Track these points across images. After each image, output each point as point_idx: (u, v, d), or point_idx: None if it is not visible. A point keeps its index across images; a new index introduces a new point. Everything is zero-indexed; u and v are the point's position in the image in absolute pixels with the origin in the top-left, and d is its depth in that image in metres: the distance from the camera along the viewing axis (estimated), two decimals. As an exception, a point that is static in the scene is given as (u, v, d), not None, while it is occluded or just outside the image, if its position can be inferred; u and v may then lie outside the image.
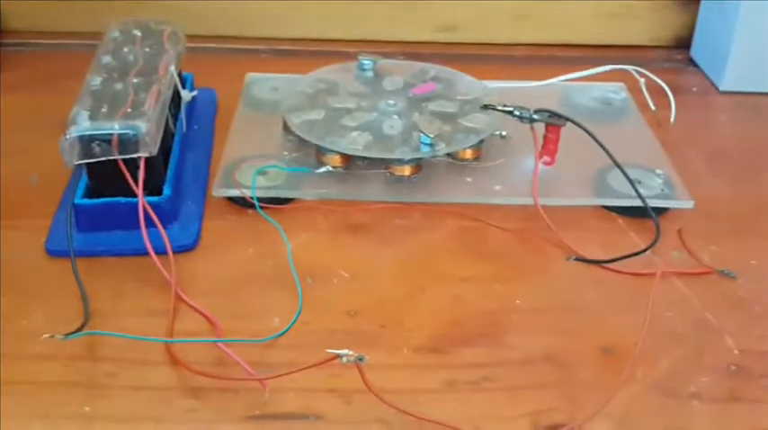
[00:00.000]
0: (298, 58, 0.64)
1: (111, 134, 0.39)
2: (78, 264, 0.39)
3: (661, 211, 0.46)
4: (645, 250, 0.42)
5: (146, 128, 0.40)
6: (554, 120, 0.47)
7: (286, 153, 0.49)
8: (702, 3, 0.65)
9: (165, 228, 0.41)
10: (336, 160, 0.47)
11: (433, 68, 0.56)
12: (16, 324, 0.37)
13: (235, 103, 0.55)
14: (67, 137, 0.39)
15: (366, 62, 0.55)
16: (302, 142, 0.48)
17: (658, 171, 0.48)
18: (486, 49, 0.67)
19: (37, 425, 0.33)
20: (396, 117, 0.50)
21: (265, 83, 0.56)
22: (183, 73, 0.52)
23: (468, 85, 0.55)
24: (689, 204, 0.46)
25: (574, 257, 0.42)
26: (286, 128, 0.50)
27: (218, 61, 0.63)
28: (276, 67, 0.61)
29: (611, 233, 0.45)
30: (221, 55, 0.64)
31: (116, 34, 0.49)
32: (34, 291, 0.39)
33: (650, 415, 0.35)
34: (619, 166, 0.46)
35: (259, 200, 0.44)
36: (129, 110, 0.41)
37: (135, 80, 0.44)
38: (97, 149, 0.39)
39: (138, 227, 0.40)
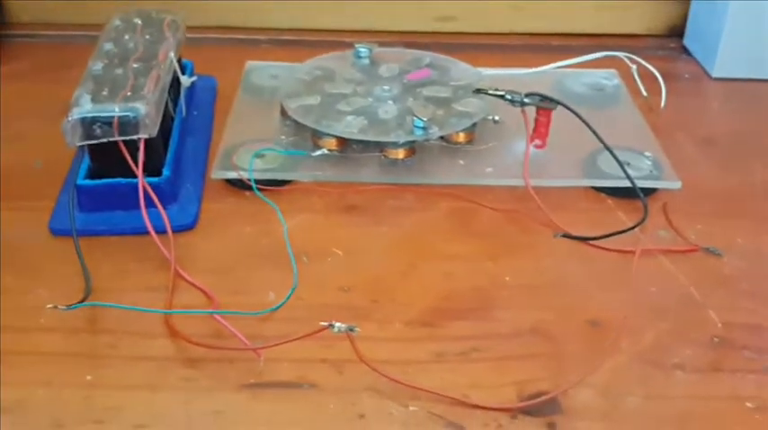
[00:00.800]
0: (298, 48, 0.65)
1: (112, 116, 0.41)
2: (81, 243, 0.41)
3: (649, 192, 0.47)
4: (631, 228, 0.43)
5: (145, 110, 0.41)
6: (545, 103, 0.48)
7: (283, 137, 0.50)
8: (695, -9, 0.66)
9: (164, 208, 0.42)
10: (332, 143, 0.48)
11: (428, 56, 0.57)
12: (21, 299, 0.39)
13: (235, 90, 0.56)
14: (70, 119, 0.41)
15: (362, 50, 0.56)
16: (299, 126, 0.49)
17: (647, 153, 0.49)
18: (483, 39, 0.68)
19: (41, 393, 0.34)
20: (390, 102, 0.51)
21: (265, 70, 0.58)
22: (183, 60, 0.53)
23: (463, 71, 0.56)
24: (676, 185, 0.47)
25: (561, 234, 0.43)
26: (283, 113, 0.51)
27: (220, 51, 0.64)
28: (276, 56, 0.62)
29: (600, 213, 0.46)
30: (222, 45, 0.66)
31: (117, 23, 0.50)
32: (38, 268, 0.41)
33: (633, 384, 0.36)
34: (607, 147, 0.47)
35: (256, 182, 0.46)
36: (128, 93, 0.42)
37: (135, 65, 0.45)
38: (98, 131, 0.41)
39: (138, 207, 0.41)
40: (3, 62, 0.62)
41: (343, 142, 0.49)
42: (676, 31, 0.69)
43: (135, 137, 0.41)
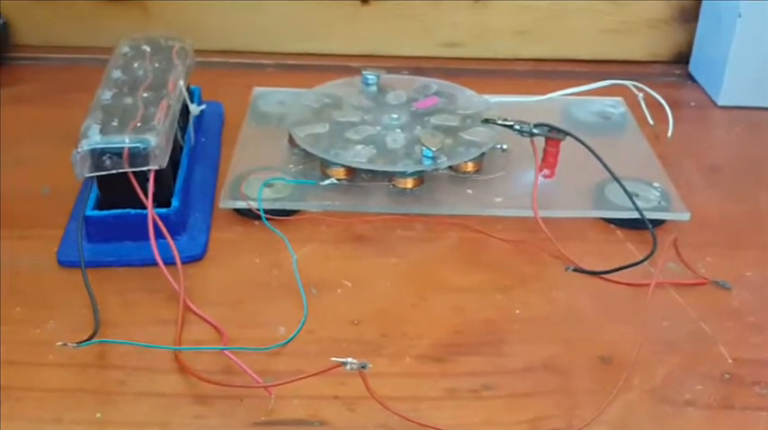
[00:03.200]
0: (304, 73, 0.65)
1: (122, 147, 0.41)
2: (89, 275, 0.40)
3: (658, 223, 0.47)
4: (642, 261, 0.43)
5: (155, 141, 0.41)
6: (553, 134, 0.48)
7: (291, 166, 0.50)
8: (701, 19, 0.67)
9: (173, 239, 0.42)
10: (341, 173, 0.48)
11: (435, 83, 0.58)
12: (30, 332, 0.38)
13: (241, 116, 0.56)
14: (79, 150, 0.41)
15: (370, 77, 0.57)
16: (307, 155, 0.49)
17: (655, 184, 0.49)
18: (489, 64, 0.68)
19: (49, 431, 0.34)
20: (399, 131, 0.51)
21: (272, 97, 0.58)
22: (191, 86, 0.53)
23: (470, 99, 0.56)
24: (685, 216, 0.47)
25: (572, 268, 0.43)
26: (291, 141, 0.51)
27: (226, 75, 0.65)
28: (282, 80, 0.62)
29: (610, 244, 0.46)
30: (229, 69, 0.66)
31: (126, 50, 0.50)
32: (46, 300, 0.40)
33: (646, 422, 0.35)
34: (617, 179, 0.47)
35: (265, 211, 0.45)
36: (138, 124, 0.42)
37: (144, 94, 0.45)
38: (108, 162, 0.41)
39: (147, 238, 0.41)
40: (9, 84, 0.62)
41: (352, 171, 0.48)
42: (681, 58, 0.69)
43: (145, 168, 0.41)
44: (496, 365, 0.38)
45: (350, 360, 0.34)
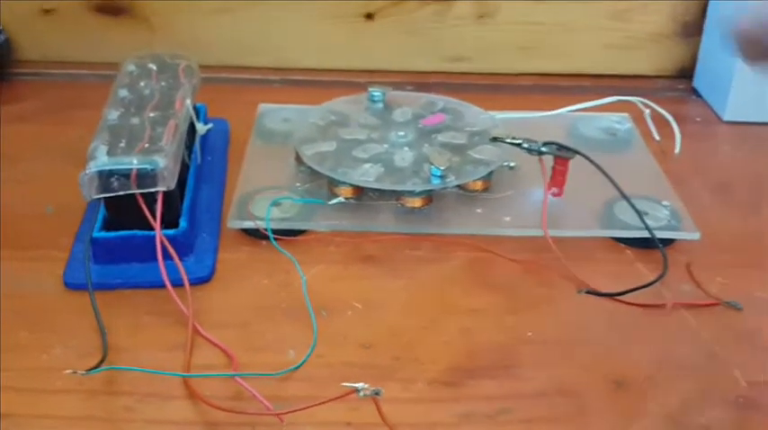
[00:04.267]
0: (309, 88, 0.65)
1: (130, 169, 0.40)
2: (96, 297, 0.40)
3: (668, 242, 0.47)
4: (654, 282, 0.43)
5: (164, 163, 0.41)
6: (562, 152, 0.48)
7: (298, 184, 0.49)
8: (704, 34, 0.66)
9: (181, 260, 0.42)
10: (348, 191, 0.48)
11: (442, 100, 0.57)
12: (36, 357, 0.38)
13: (247, 133, 0.56)
14: (87, 172, 0.40)
15: (376, 93, 0.56)
16: (314, 173, 0.49)
17: (665, 202, 0.49)
18: (494, 79, 0.68)
19: (58, 459, 0.33)
20: (406, 149, 0.51)
21: (277, 114, 0.57)
22: (197, 104, 0.53)
23: (476, 115, 0.56)
24: (695, 236, 0.47)
25: (585, 290, 0.42)
26: (298, 159, 0.51)
27: (231, 91, 0.64)
28: (288, 96, 0.62)
29: (620, 264, 0.46)
30: (233, 85, 0.65)
31: (132, 68, 0.50)
32: (53, 324, 0.40)
33: (662, 448, 0.35)
34: (627, 199, 0.47)
35: (273, 231, 0.45)
36: (146, 145, 0.42)
37: (151, 114, 0.45)
38: (116, 184, 0.40)
39: (154, 259, 0.41)
40: (11, 101, 0.62)
41: (360, 190, 0.48)
42: (685, 73, 0.69)
43: (153, 190, 0.41)
44: (510, 389, 0.37)
45: (363, 385, 0.34)
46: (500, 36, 0.67)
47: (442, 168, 0.48)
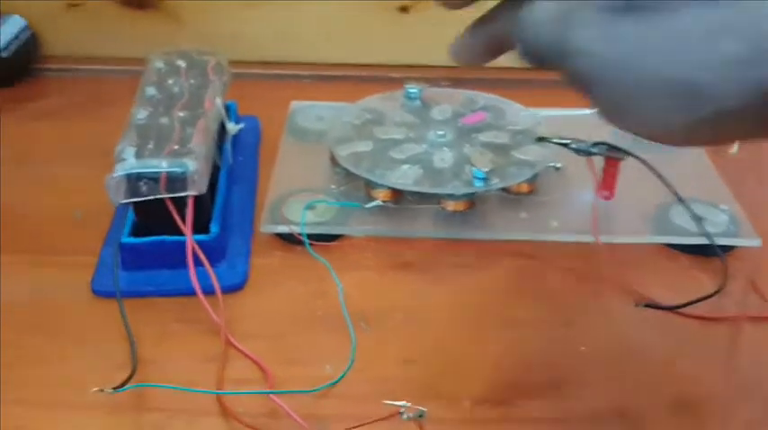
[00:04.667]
0: (342, 83, 0.63)
1: (159, 172, 0.38)
2: (124, 305, 0.38)
3: (727, 249, 0.44)
4: (715, 293, 0.40)
5: (194, 166, 0.38)
6: (613, 153, 0.45)
7: (334, 186, 0.47)
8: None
9: (212, 266, 0.39)
10: (386, 194, 0.46)
11: (481, 96, 0.55)
12: (63, 370, 0.36)
13: (279, 130, 0.54)
14: (114, 175, 0.38)
15: (413, 90, 0.54)
16: (350, 175, 0.47)
17: (723, 206, 0.46)
18: (533, 73, 0.65)
19: (84, 481, 0.32)
20: (446, 149, 0.48)
21: (310, 111, 0.55)
22: (227, 102, 0.51)
23: (518, 113, 0.53)
24: (756, 242, 0.44)
25: (644, 304, 0.39)
26: (333, 159, 0.48)
27: (261, 87, 0.62)
28: (320, 92, 0.60)
29: (676, 272, 0.43)
30: (264, 80, 0.63)
31: (160, 65, 0.48)
32: (80, 334, 0.38)
33: (729, 476, 0.32)
34: (683, 203, 0.44)
35: (307, 236, 0.43)
36: (176, 146, 0.40)
37: (180, 114, 0.43)
38: (144, 188, 0.38)
39: (185, 265, 0.39)
40: (37, 98, 0.60)
41: (398, 193, 0.46)
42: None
43: (183, 194, 0.39)
44: (562, 410, 0.35)
45: (405, 403, 0.32)
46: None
47: (485, 170, 0.45)
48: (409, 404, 0.33)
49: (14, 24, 0.62)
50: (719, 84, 0.24)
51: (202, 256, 0.39)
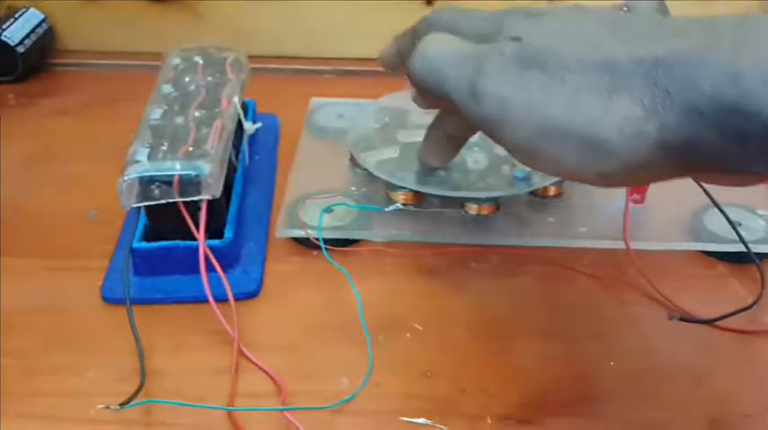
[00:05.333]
0: (363, 79, 0.61)
1: (172, 175, 0.37)
2: (135, 312, 0.37)
3: (764, 257, 0.42)
4: (752, 305, 0.38)
5: (209, 169, 0.37)
6: (646, 155, 0.43)
7: (353, 188, 0.45)
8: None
9: (225, 272, 0.38)
10: (408, 197, 0.44)
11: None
12: (69, 382, 0.35)
13: (297, 127, 0.52)
14: (125, 178, 0.37)
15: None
16: (370, 176, 0.45)
17: (760, 211, 0.44)
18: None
19: (90, 499, 0.30)
20: (474, 149, 0.46)
21: (330, 109, 0.53)
22: (245, 99, 0.49)
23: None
24: (797, 250, 0.42)
25: (677, 317, 0.37)
26: (353, 160, 0.47)
27: (280, 82, 0.60)
28: (341, 88, 0.58)
29: (711, 281, 0.41)
30: (283, 75, 0.62)
31: (177, 61, 0.46)
32: (88, 343, 0.37)
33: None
34: (719, 207, 0.42)
35: (325, 241, 0.41)
36: (190, 148, 0.38)
37: (196, 113, 0.41)
38: (157, 192, 0.37)
39: (197, 271, 0.37)
40: (53, 94, 0.59)
41: (420, 195, 0.44)
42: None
43: (197, 198, 0.37)
44: (592, 429, 0.33)
45: (425, 421, 0.30)
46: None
47: (527, 169, 0.43)
48: (430, 422, 0.31)
49: (32, 18, 0.61)
50: (619, 140, 0.26)
51: (215, 262, 0.38)
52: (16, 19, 0.59)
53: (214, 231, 0.39)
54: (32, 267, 0.41)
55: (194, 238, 0.38)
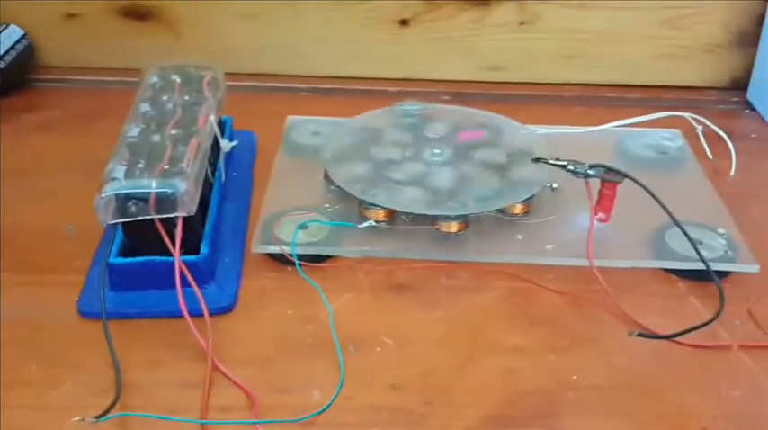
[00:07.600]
0: (339, 97, 0.62)
1: (149, 193, 0.38)
2: (111, 327, 0.38)
3: (724, 275, 0.43)
4: (711, 321, 0.39)
5: (185, 186, 0.38)
6: (611, 176, 0.44)
7: (327, 205, 0.47)
8: (761, 44, 0.62)
9: (201, 288, 0.39)
10: (380, 214, 0.45)
11: (479, 114, 0.54)
12: (45, 396, 0.35)
13: (274, 145, 0.53)
14: (103, 195, 0.38)
15: (409, 108, 0.53)
16: (345, 193, 0.46)
17: (720, 230, 0.45)
18: (534, 89, 0.65)
19: None
20: (443, 168, 0.48)
21: (306, 126, 0.55)
22: (223, 116, 0.50)
23: (516, 131, 0.52)
24: (754, 268, 0.43)
25: (636, 333, 0.39)
26: (327, 177, 0.48)
27: (257, 99, 0.62)
28: (317, 106, 0.59)
29: (671, 298, 0.43)
30: (260, 93, 0.63)
31: (154, 79, 0.47)
32: (64, 357, 0.38)
33: None
34: (680, 227, 0.43)
35: (299, 256, 0.42)
36: (166, 166, 0.39)
37: (173, 131, 0.42)
38: (133, 209, 0.38)
39: (173, 286, 0.38)
40: (33, 110, 0.60)
41: (392, 213, 0.45)
42: (737, 84, 0.65)
43: (173, 215, 0.38)
44: (553, 442, 0.34)
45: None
46: (542, 44, 0.64)
47: (489, 189, 0.45)
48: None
49: (12, 34, 0.61)
50: None
51: (190, 278, 0.38)
52: (-4, 35, 0.60)
53: (190, 247, 0.40)
54: (9, 282, 0.42)
55: (170, 254, 0.39)
